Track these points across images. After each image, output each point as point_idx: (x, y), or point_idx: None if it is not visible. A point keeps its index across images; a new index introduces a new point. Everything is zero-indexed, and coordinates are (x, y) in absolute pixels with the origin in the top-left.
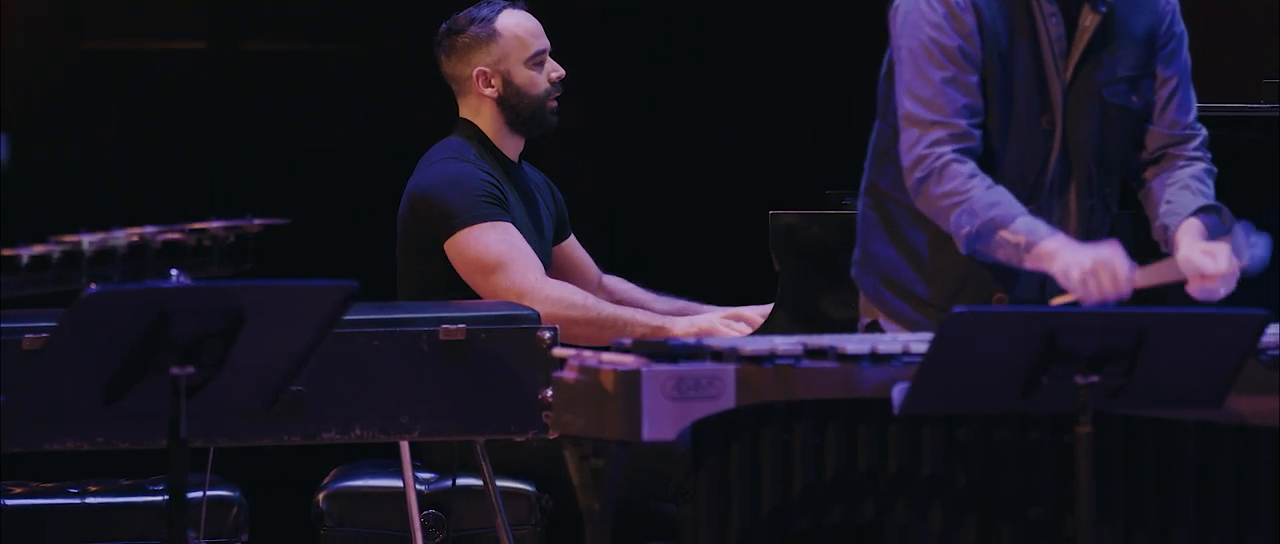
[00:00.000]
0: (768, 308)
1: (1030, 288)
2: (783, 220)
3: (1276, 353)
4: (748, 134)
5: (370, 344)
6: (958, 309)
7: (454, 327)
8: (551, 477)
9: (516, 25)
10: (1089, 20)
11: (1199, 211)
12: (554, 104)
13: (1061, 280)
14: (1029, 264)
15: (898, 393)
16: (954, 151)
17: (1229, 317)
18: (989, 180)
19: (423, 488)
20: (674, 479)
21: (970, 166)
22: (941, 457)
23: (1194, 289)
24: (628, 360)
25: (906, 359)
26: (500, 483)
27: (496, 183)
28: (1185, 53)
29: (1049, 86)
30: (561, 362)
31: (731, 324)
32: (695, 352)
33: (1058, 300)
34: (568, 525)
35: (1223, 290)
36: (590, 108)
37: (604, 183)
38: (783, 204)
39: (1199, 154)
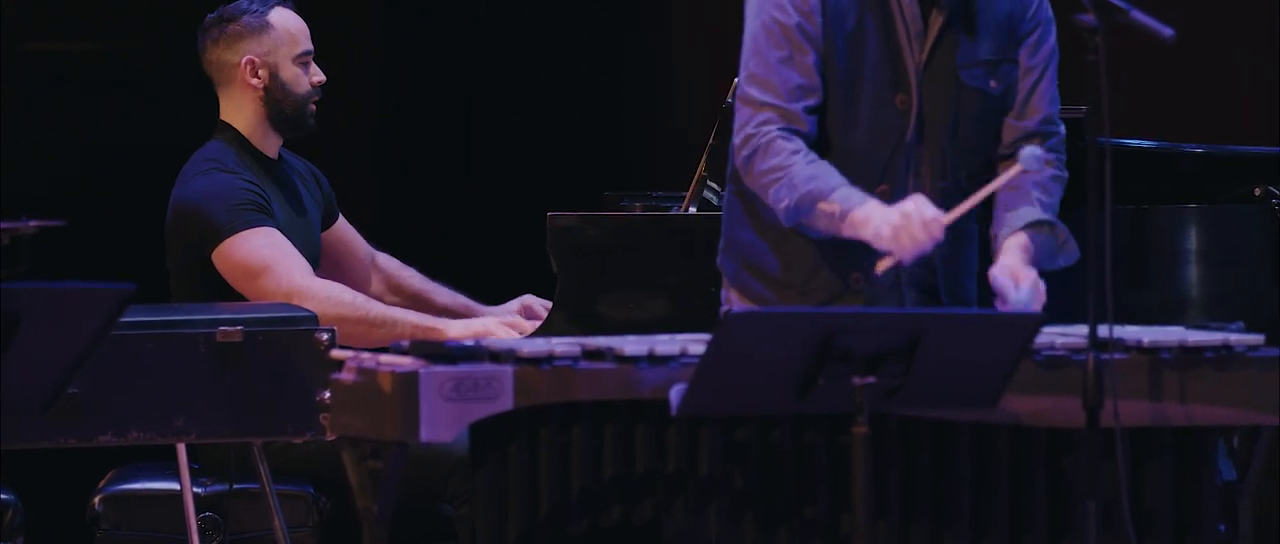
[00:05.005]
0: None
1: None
2: (561, 222)
3: (1051, 353)
4: (526, 134)
5: (146, 346)
6: (734, 310)
7: (231, 329)
8: (329, 479)
9: (288, 21)
10: (940, 9)
11: (1030, 226)
12: (314, 108)
13: (876, 243)
14: (846, 233)
15: (675, 394)
16: (779, 130)
17: (1003, 318)
18: (813, 156)
19: (199, 491)
20: (452, 481)
21: (796, 143)
22: (719, 457)
23: (998, 304)
24: (405, 362)
25: (684, 360)
26: (277, 486)
27: (258, 188)
28: (1052, 41)
29: (904, 66)
30: (339, 363)
31: (507, 329)
32: (473, 353)
33: (881, 265)
34: (345, 528)
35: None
36: (367, 107)
37: (380, 185)
38: (560, 205)
39: (1051, 157)
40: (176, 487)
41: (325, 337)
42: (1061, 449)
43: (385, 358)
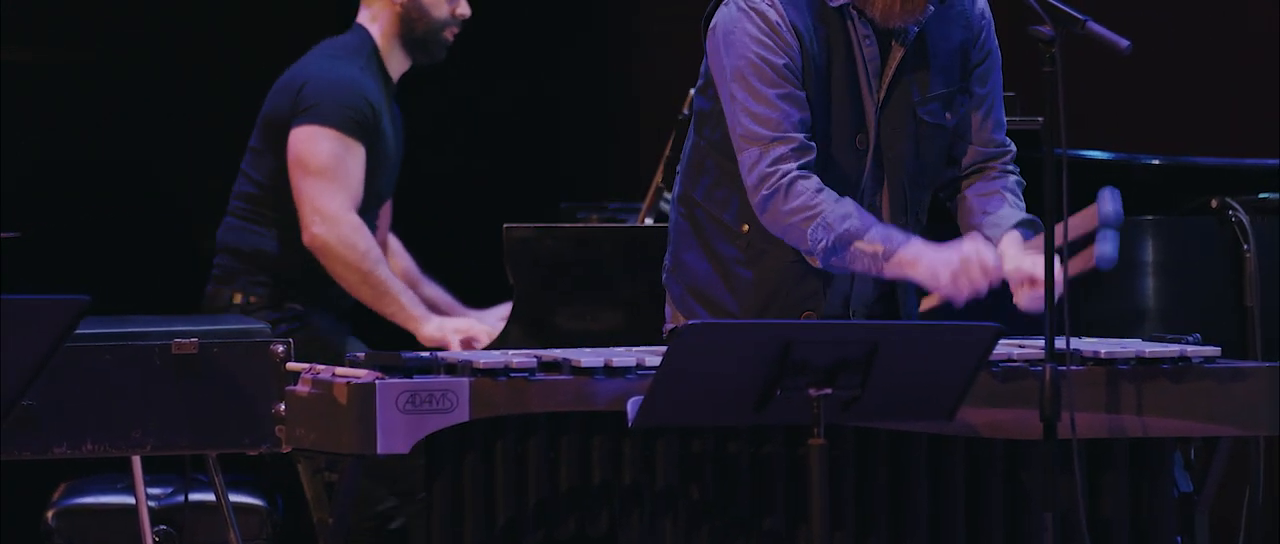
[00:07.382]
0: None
1: (836, 304)
2: (517, 234)
3: (1008, 365)
4: (483, 146)
5: (102, 358)
6: (691, 322)
7: (186, 341)
8: (285, 491)
9: None
10: (900, 42)
11: (1017, 225)
12: (450, 37)
13: (929, 284)
14: (888, 273)
15: (632, 406)
16: (798, 167)
17: (961, 330)
18: (835, 194)
19: (154, 504)
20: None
21: (815, 182)
22: (675, 469)
23: (1022, 299)
24: (361, 374)
25: (641, 372)
26: (233, 497)
27: (373, 104)
28: (999, 71)
29: (864, 107)
30: (295, 375)
31: (473, 333)
32: (429, 365)
33: (927, 303)
34: (301, 539)
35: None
36: None
37: None
38: (517, 217)
39: (1012, 168)
40: (130, 500)
41: (281, 349)
42: (1018, 461)
43: (341, 370)
